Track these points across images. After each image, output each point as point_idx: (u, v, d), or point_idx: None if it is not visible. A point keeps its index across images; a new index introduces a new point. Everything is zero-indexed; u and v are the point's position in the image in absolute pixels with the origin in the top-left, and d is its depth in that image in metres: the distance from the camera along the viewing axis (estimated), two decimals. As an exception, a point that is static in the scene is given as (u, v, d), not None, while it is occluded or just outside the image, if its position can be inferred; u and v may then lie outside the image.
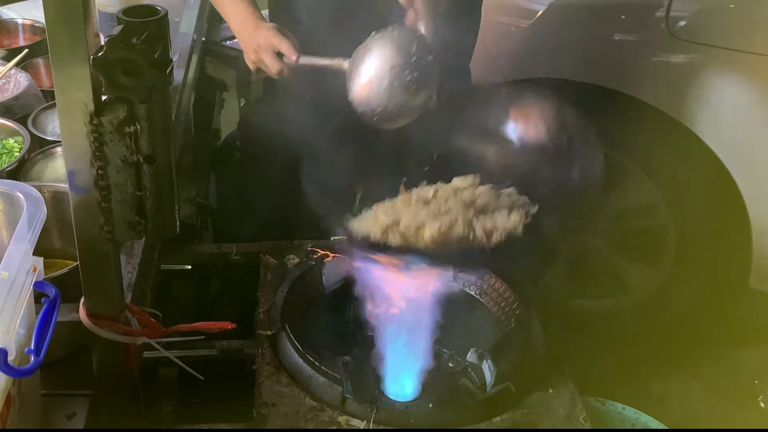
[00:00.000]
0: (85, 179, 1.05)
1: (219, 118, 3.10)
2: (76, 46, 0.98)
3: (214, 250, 1.72)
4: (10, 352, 0.98)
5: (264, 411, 1.25)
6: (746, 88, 2.50)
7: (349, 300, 1.46)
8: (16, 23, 2.30)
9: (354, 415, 1.24)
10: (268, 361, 1.35)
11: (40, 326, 1.06)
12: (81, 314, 1.16)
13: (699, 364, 2.65)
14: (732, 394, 2.48)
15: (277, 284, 1.52)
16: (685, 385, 2.56)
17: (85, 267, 1.12)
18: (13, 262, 1.05)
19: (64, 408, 1.23)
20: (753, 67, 2.46)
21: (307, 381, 1.29)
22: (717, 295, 2.70)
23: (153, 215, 1.09)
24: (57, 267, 1.33)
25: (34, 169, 1.60)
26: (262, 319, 1.43)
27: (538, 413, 1.29)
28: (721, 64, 2.50)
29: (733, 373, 2.56)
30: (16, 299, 1.03)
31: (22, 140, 1.66)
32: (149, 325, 1.22)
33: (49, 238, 1.44)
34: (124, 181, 1.06)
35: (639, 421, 1.81)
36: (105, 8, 2.26)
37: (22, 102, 1.79)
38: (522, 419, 1.28)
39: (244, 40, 1.68)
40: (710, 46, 2.51)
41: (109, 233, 1.09)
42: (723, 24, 2.51)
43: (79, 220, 1.09)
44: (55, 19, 0.97)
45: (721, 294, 2.70)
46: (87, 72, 0.99)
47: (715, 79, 2.54)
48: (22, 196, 1.18)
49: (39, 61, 2.03)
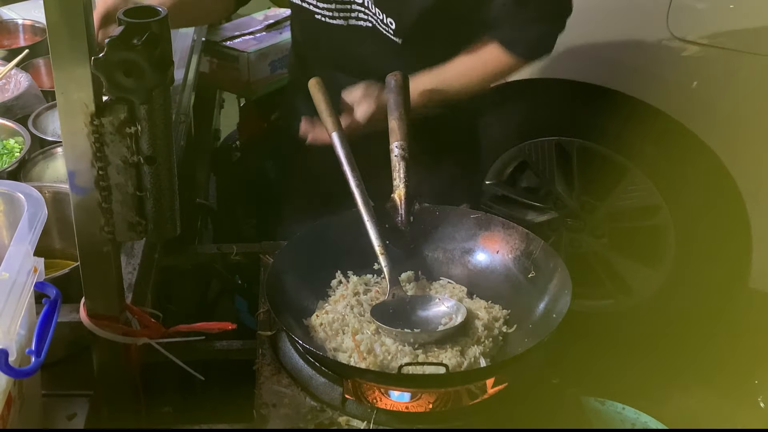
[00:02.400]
0: (85, 180, 1.05)
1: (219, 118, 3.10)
2: (76, 47, 0.98)
3: (214, 250, 1.72)
4: (11, 352, 0.98)
5: (264, 411, 1.25)
6: (746, 88, 2.50)
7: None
8: (16, 23, 2.30)
9: (354, 416, 1.24)
10: (268, 362, 1.34)
11: (40, 327, 1.06)
12: (81, 315, 1.16)
13: (699, 364, 2.66)
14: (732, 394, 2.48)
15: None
16: (685, 385, 2.57)
17: (86, 267, 1.12)
18: (13, 262, 1.05)
19: (64, 408, 1.23)
20: (753, 67, 2.47)
21: (308, 381, 1.29)
22: (717, 295, 2.71)
23: (153, 216, 1.09)
24: (57, 267, 1.33)
25: (35, 170, 1.60)
26: (262, 320, 1.43)
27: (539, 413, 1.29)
28: (721, 64, 2.51)
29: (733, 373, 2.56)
30: (17, 300, 1.03)
31: (22, 140, 1.66)
32: (149, 325, 1.22)
33: (50, 239, 1.44)
34: (124, 181, 1.06)
35: (639, 421, 1.81)
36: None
37: (23, 102, 1.79)
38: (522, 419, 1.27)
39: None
40: (710, 46, 2.52)
41: (110, 234, 1.09)
42: (723, 24, 2.51)
43: (80, 221, 1.09)
44: (56, 19, 0.97)
45: (721, 294, 2.71)
46: (88, 72, 0.99)
47: (715, 79, 2.54)
48: (22, 197, 1.18)
49: (39, 61, 2.03)
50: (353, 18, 1.73)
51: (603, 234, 2.83)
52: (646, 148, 2.63)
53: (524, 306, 1.40)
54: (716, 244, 2.65)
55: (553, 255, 1.41)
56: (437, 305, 1.38)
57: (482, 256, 1.48)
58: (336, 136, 1.52)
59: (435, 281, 1.47)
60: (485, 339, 1.32)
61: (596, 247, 2.85)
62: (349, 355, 1.29)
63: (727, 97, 2.53)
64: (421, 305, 1.39)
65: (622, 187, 2.73)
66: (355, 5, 1.71)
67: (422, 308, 1.38)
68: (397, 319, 1.34)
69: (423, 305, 1.39)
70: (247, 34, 2.66)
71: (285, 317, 1.33)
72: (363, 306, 1.38)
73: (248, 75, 2.49)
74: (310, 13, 1.77)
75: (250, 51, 2.48)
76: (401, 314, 1.36)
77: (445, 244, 1.51)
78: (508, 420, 1.27)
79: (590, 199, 2.81)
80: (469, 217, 1.51)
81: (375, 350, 1.28)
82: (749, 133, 2.53)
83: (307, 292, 1.43)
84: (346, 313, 1.35)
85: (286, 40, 2.52)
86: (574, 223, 2.86)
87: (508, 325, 1.38)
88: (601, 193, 2.79)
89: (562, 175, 2.83)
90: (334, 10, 1.73)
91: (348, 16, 1.74)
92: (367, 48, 1.75)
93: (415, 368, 1.23)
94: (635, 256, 2.81)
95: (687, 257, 2.70)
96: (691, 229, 2.66)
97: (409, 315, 1.36)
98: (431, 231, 1.52)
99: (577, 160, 2.77)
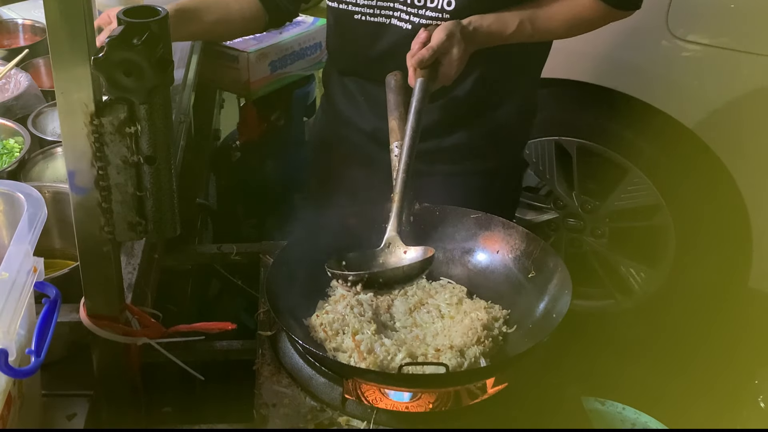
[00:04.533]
0: (85, 180, 1.05)
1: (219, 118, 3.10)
2: (76, 47, 0.98)
3: (214, 250, 1.72)
4: (11, 352, 0.98)
5: (264, 411, 1.25)
6: (746, 88, 2.50)
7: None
8: (16, 23, 2.30)
9: (354, 416, 1.24)
10: (268, 362, 1.34)
11: (40, 327, 1.06)
12: (81, 315, 1.16)
13: (699, 364, 2.66)
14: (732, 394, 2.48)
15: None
16: (685, 385, 2.56)
17: (86, 267, 1.12)
18: (13, 262, 1.05)
19: (64, 408, 1.23)
20: (753, 67, 2.47)
21: (308, 381, 1.29)
22: (717, 295, 2.71)
23: (153, 215, 1.09)
24: (57, 267, 1.33)
25: (35, 170, 1.60)
26: (262, 320, 1.43)
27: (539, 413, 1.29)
28: (721, 64, 2.51)
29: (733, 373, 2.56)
30: (17, 300, 1.03)
31: (22, 140, 1.66)
32: (149, 325, 1.22)
33: (50, 239, 1.44)
34: (124, 181, 1.06)
35: (639, 421, 1.81)
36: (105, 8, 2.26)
37: (23, 102, 1.79)
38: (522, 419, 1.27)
39: None
40: (710, 46, 2.52)
41: (110, 233, 1.09)
42: (723, 24, 2.51)
43: (80, 221, 1.09)
44: (56, 19, 0.97)
45: (721, 294, 2.71)
46: (87, 72, 0.99)
47: (715, 79, 2.54)
48: (22, 197, 1.18)
49: (39, 61, 2.03)
50: (395, 17, 1.70)
51: (603, 234, 2.83)
52: (646, 148, 2.63)
53: (524, 306, 1.40)
54: (716, 244, 2.65)
55: (553, 255, 1.41)
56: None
57: (482, 256, 1.48)
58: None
59: (435, 281, 1.47)
60: (485, 339, 1.32)
61: (596, 247, 2.85)
62: (349, 355, 1.29)
63: (727, 97, 2.53)
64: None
65: (622, 187, 2.73)
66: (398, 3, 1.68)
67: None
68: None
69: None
70: (247, 34, 2.66)
71: (285, 317, 1.33)
72: (363, 306, 1.38)
73: (248, 75, 2.48)
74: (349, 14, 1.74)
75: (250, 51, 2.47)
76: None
77: (445, 244, 1.51)
78: (508, 420, 1.27)
79: (590, 199, 2.82)
80: (469, 217, 1.51)
81: (375, 350, 1.28)
82: (749, 133, 2.53)
83: (307, 292, 1.43)
84: (346, 313, 1.35)
85: (287, 40, 2.52)
86: (574, 223, 2.86)
87: (508, 325, 1.38)
88: (601, 193, 2.80)
89: (562, 175, 2.83)
90: (375, 6, 1.70)
91: (390, 15, 1.70)
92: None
93: (415, 368, 1.23)
94: (635, 256, 2.81)
95: (687, 257, 2.70)
96: (691, 229, 2.66)
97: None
98: (431, 231, 1.52)
99: (577, 160, 2.77)
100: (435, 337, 1.34)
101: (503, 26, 1.62)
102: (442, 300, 1.41)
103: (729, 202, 2.58)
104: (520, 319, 1.38)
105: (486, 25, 1.60)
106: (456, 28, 1.56)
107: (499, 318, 1.38)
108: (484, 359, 1.29)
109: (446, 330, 1.35)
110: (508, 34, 1.63)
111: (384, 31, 1.72)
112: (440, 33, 1.54)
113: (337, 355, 1.30)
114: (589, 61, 2.65)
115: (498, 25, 1.62)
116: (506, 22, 1.63)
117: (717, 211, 2.63)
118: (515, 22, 1.63)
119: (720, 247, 2.66)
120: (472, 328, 1.33)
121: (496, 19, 1.62)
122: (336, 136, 1.92)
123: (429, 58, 1.52)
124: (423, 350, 1.30)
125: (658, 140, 2.61)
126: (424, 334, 1.35)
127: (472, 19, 1.59)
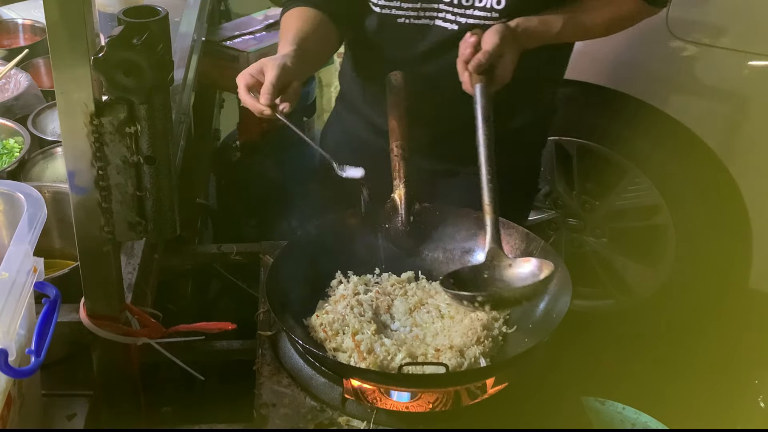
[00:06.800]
0: (85, 180, 1.05)
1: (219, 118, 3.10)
2: (76, 47, 0.98)
3: (214, 250, 1.72)
4: (11, 352, 0.98)
5: (264, 411, 1.25)
6: (746, 88, 2.50)
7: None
8: (16, 23, 2.30)
9: (354, 416, 1.24)
10: (268, 362, 1.35)
11: (40, 327, 1.07)
12: (81, 314, 1.16)
13: (699, 364, 2.65)
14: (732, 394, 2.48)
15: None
16: (685, 385, 2.56)
17: (86, 267, 1.12)
18: (13, 262, 1.05)
19: (64, 408, 1.23)
20: (753, 67, 2.47)
21: (308, 381, 1.29)
22: (717, 295, 2.70)
23: (153, 216, 1.09)
24: (57, 267, 1.33)
25: (35, 170, 1.60)
26: (262, 320, 1.43)
27: (539, 413, 1.29)
28: (721, 64, 2.51)
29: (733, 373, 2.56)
30: (17, 300, 1.03)
31: (22, 140, 1.66)
32: (149, 325, 1.22)
33: (50, 239, 1.44)
34: (124, 181, 1.06)
35: (639, 421, 1.81)
36: (105, 8, 2.26)
37: (22, 102, 1.79)
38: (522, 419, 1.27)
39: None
40: (710, 46, 2.51)
41: (110, 234, 1.09)
42: (723, 24, 2.51)
43: (80, 221, 1.09)
44: (56, 19, 0.97)
45: (721, 294, 2.70)
46: (87, 72, 0.99)
47: (714, 79, 2.54)
48: (22, 197, 1.19)
49: (39, 61, 2.03)
50: (440, 18, 1.67)
51: (603, 234, 2.83)
52: (646, 148, 2.63)
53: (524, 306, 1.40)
54: (716, 244, 2.65)
55: (553, 255, 1.41)
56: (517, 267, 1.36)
57: (482, 256, 1.48)
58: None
59: (435, 281, 1.47)
60: (485, 339, 1.32)
61: (596, 247, 2.85)
62: (349, 355, 1.29)
63: (727, 97, 2.53)
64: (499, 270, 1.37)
65: (622, 187, 2.73)
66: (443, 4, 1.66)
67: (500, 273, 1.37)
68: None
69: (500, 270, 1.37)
70: (247, 34, 2.66)
71: (285, 317, 1.33)
72: (363, 306, 1.38)
73: (248, 75, 2.48)
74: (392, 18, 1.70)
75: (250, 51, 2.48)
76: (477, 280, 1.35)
77: (445, 244, 1.51)
78: (508, 420, 1.27)
79: (590, 199, 2.81)
80: (469, 217, 1.51)
81: (375, 350, 1.28)
82: (749, 133, 2.53)
83: (307, 292, 1.43)
84: (346, 313, 1.35)
85: (286, 40, 2.52)
86: (574, 223, 2.86)
87: (508, 325, 1.38)
88: (601, 193, 2.79)
89: (562, 175, 2.83)
90: (419, 9, 1.68)
91: (434, 16, 1.68)
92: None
93: (415, 368, 1.23)
94: (635, 256, 2.81)
95: (687, 257, 2.70)
96: (691, 229, 2.66)
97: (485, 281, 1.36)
98: (431, 231, 1.52)
99: (577, 160, 2.77)
100: (435, 337, 1.34)
101: (549, 27, 1.62)
102: (441, 300, 1.41)
103: (729, 202, 2.58)
104: (520, 319, 1.38)
105: (533, 27, 1.59)
106: (507, 30, 1.54)
107: (499, 318, 1.38)
108: (484, 359, 1.29)
109: (446, 330, 1.35)
110: (553, 34, 1.63)
111: (427, 32, 1.69)
112: (493, 36, 1.52)
113: (337, 355, 1.30)
114: (590, 61, 2.64)
115: (544, 27, 1.61)
116: (551, 24, 1.62)
117: (717, 211, 2.62)
118: (559, 24, 1.63)
119: (720, 247, 2.65)
120: (472, 328, 1.33)
121: (541, 21, 1.61)
122: (354, 137, 1.88)
123: (486, 62, 1.50)
124: (423, 350, 1.30)
125: (659, 140, 2.60)
126: (424, 334, 1.35)
127: (519, 21, 1.58)
